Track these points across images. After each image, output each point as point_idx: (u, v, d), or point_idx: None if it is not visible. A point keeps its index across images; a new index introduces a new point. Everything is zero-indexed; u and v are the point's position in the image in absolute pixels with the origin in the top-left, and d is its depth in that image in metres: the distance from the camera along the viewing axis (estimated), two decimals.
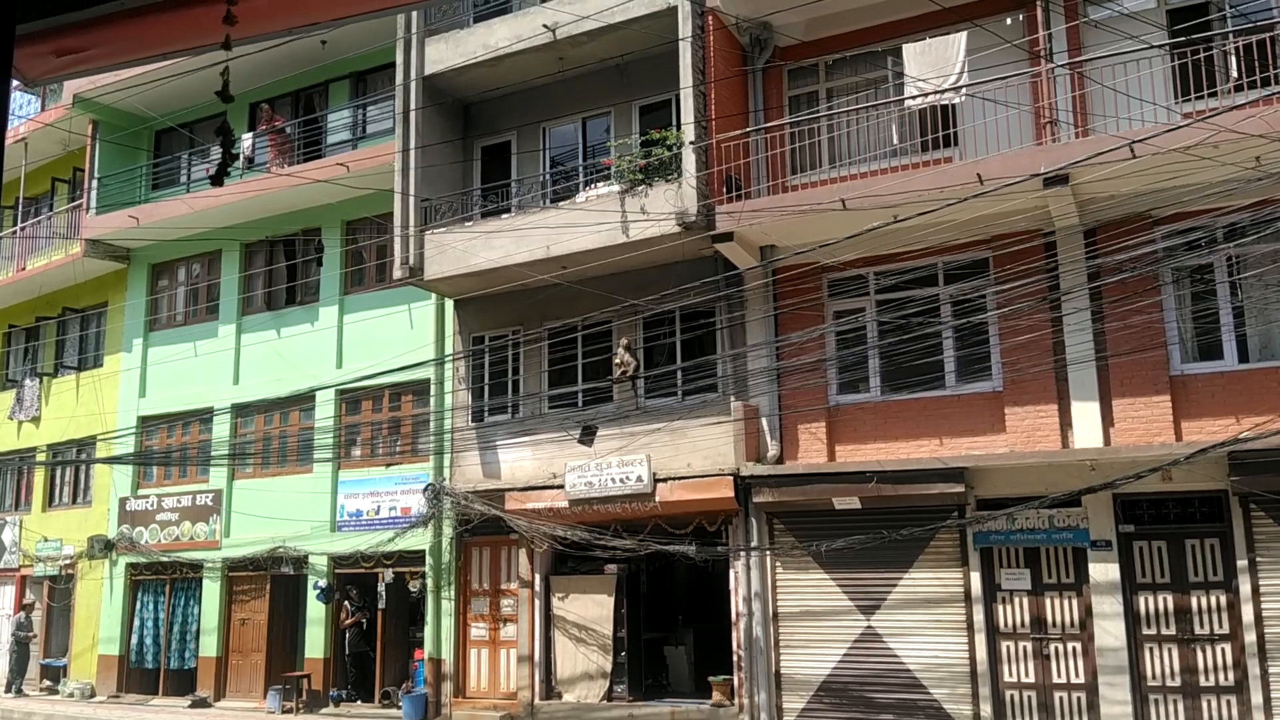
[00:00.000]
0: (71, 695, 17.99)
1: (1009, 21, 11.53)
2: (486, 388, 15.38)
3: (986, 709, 11.29)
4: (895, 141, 12.30)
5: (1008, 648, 11.38)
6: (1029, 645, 11.30)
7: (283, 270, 17.95)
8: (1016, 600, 11.44)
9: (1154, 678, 10.70)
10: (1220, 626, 10.50)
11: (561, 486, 13.78)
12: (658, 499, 13.10)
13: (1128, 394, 10.93)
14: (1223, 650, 10.47)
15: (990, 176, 10.49)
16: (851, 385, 12.61)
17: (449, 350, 15.60)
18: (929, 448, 11.92)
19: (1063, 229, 11.03)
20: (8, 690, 18.75)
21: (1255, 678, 10.24)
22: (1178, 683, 10.59)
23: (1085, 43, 11.23)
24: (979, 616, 11.50)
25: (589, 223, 12.96)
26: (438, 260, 14.43)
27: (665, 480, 13.14)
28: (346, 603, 16.19)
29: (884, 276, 11.93)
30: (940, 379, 11.92)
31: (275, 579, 16.99)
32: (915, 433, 12.05)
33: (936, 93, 11.01)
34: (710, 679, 12.98)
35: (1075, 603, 11.23)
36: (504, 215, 14.32)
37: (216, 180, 2.72)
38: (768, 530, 12.74)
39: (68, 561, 19.13)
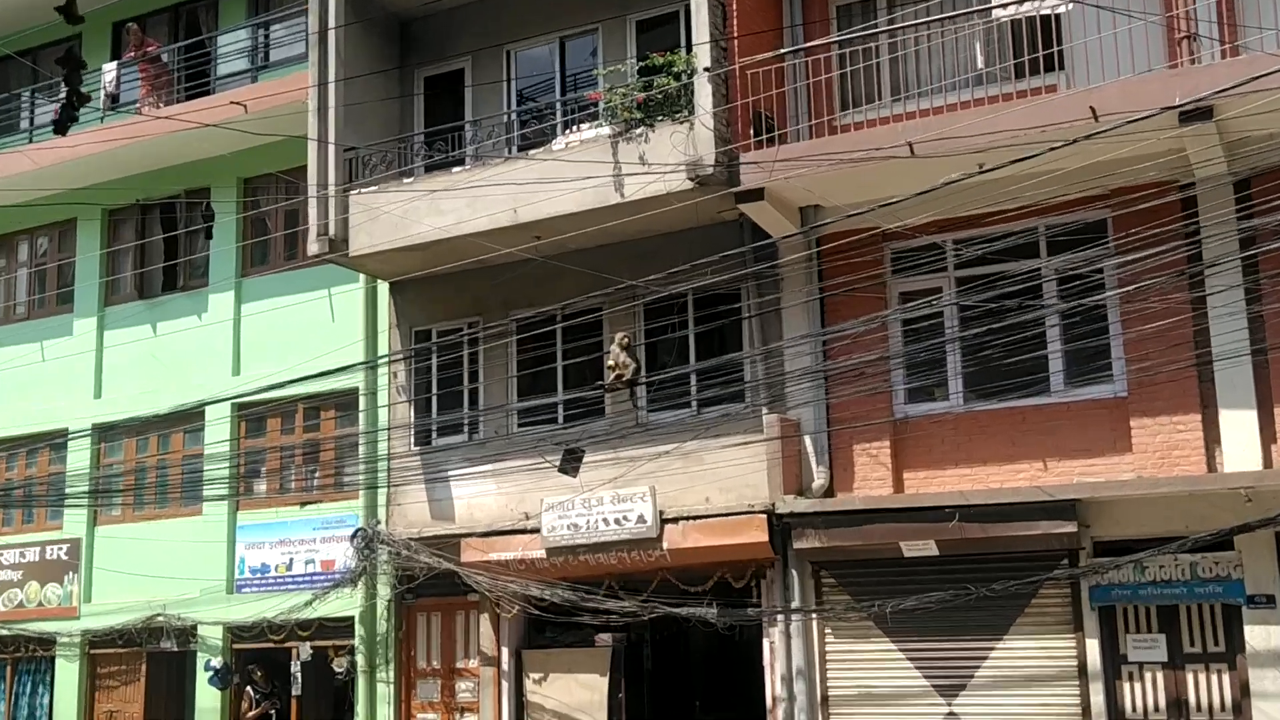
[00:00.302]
0: None
1: None
2: (435, 399, 15.25)
3: None
4: (979, 65, 12.19)
5: None
6: None
7: (159, 245, 17.76)
8: (1148, 676, 11.40)
9: None
10: None
11: (537, 530, 13.67)
12: (666, 546, 13.00)
13: None
14: None
15: (1107, 110, 10.37)
16: (925, 391, 12.50)
17: (383, 350, 15.45)
18: (1029, 474, 11.81)
19: (1205, 179, 10.93)
20: None
21: None
22: None
23: None
24: (1098, 698, 11.42)
25: (570, 177, 12.84)
26: (367, 229, 14.30)
27: (675, 520, 13.06)
28: (249, 688, 16.07)
29: (966, 246, 11.81)
30: (1044, 382, 11.81)
31: (153, 657, 16.84)
32: (1010, 454, 11.94)
33: None
34: None
35: (1226, 678, 11.17)
36: (456, 169, 14.21)
37: (60, 127, 2.51)
38: (814, 586, 12.66)
39: None
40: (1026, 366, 11.65)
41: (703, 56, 12.46)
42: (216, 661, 15.98)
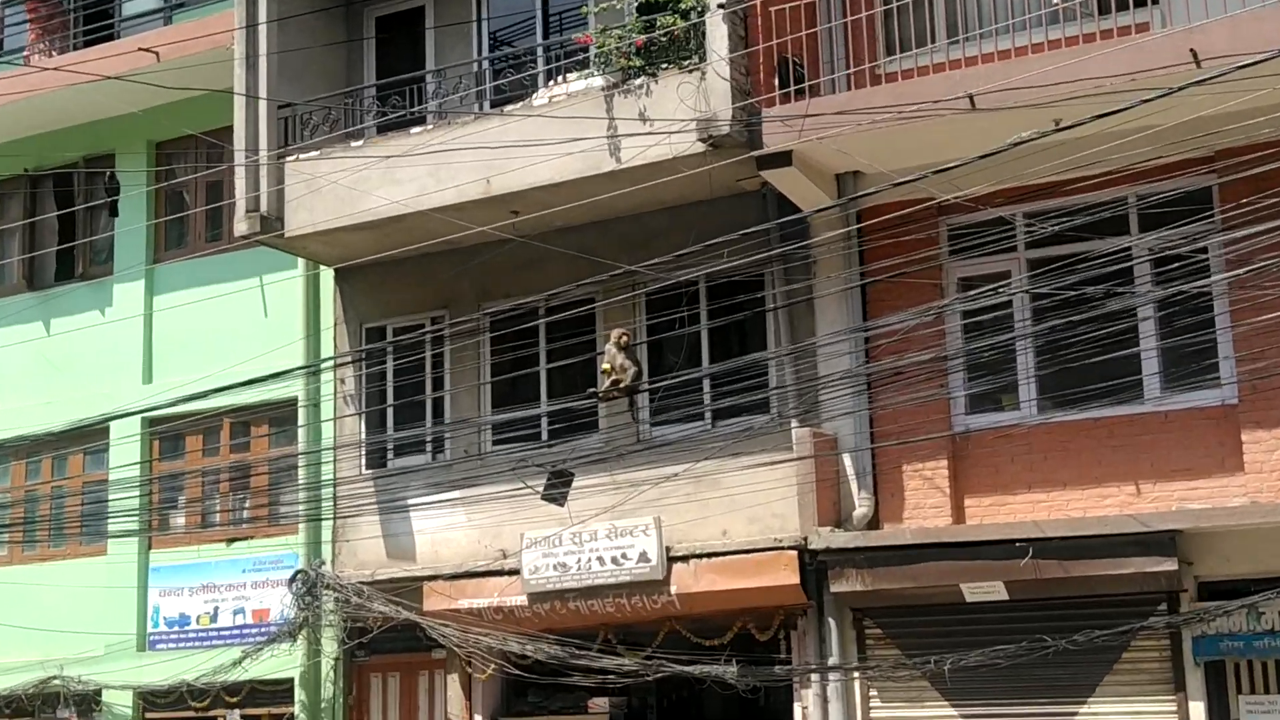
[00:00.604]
0: None
1: None
2: (390, 412, 15.26)
3: None
4: (1054, 0, 12.19)
5: None
6: None
7: (53, 224, 17.80)
8: None
9: None
10: None
11: (516, 572, 13.70)
12: (674, 589, 13.03)
13: None
14: None
15: (1212, 54, 10.39)
16: (990, 399, 12.52)
17: (328, 351, 15.48)
18: (1118, 499, 11.82)
19: None
20: None
21: None
22: None
23: None
24: None
25: (555, 140, 12.83)
26: (307, 204, 14.35)
27: (686, 559, 13.08)
28: None
29: (1040, 221, 11.82)
30: (1136, 387, 11.83)
31: None
32: (1095, 474, 11.95)
33: None
34: None
35: None
36: (415, 130, 14.24)
37: None
38: (855, 638, 12.67)
39: None
40: (1115, 368, 11.62)
41: None
42: None
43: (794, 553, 12.57)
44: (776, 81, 12.30)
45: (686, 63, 12.73)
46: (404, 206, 13.75)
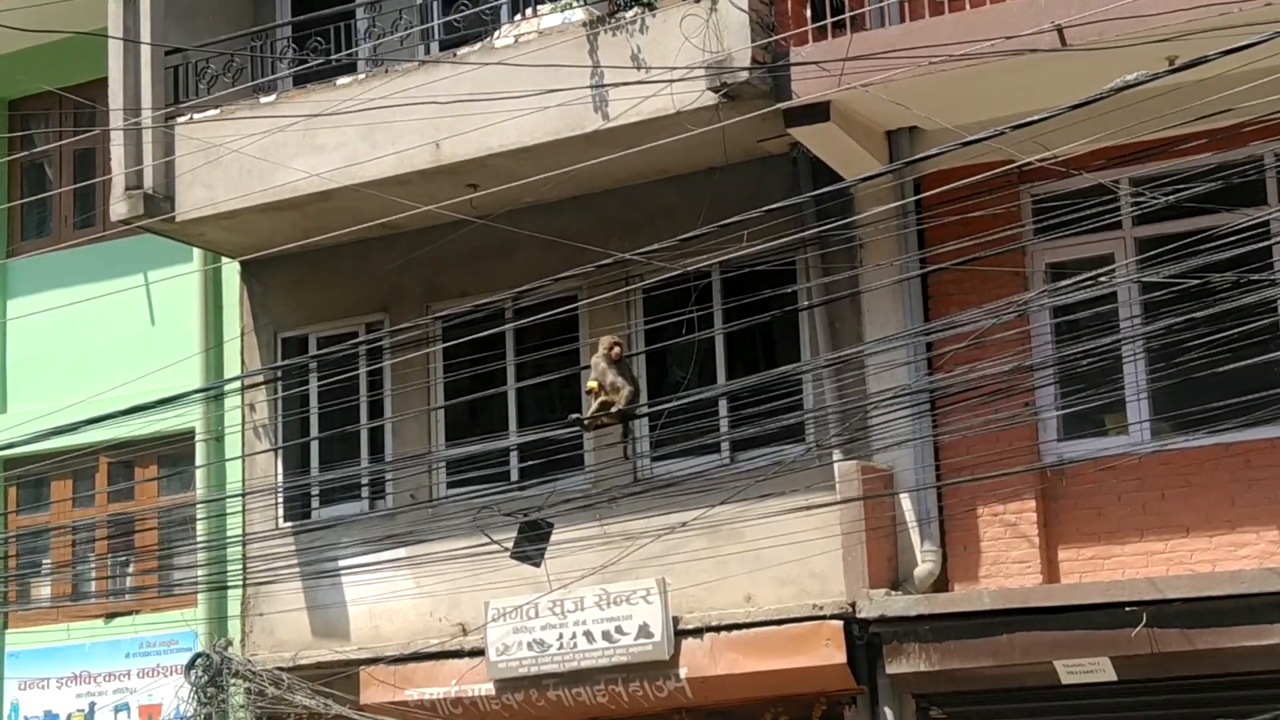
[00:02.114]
0: None
1: None
2: (316, 447, 15.25)
3: None
4: None
5: None
6: None
7: None
8: None
9: None
10: None
11: (480, 653, 13.74)
12: (685, 673, 13.07)
13: None
14: None
15: None
16: (1090, 421, 12.57)
17: (233, 369, 15.46)
18: (1258, 548, 11.89)
19: None
20: None
21: None
22: None
23: None
24: None
25: (523, 92, 12.87)
26: (205, 179, 14.40)
27: (699, 633, 13.12)
28: None
29: (1151, 189, 11.82)
30: (1278, 404, 11.76)
31: None
32: (1227, 517, 12.03)
33: None
34: None
35: None
36: (343, 80, 14.30)
37: None
38: None
39: None
40: (1250, 379, 11.59)
41: None
42: None
43: (839, 623, 12.57)
44: (809, 12, 12.33)
45: None
46: (329, 180, 13.77)
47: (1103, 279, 11.94)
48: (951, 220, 12.25)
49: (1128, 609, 11.55)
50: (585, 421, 12.84)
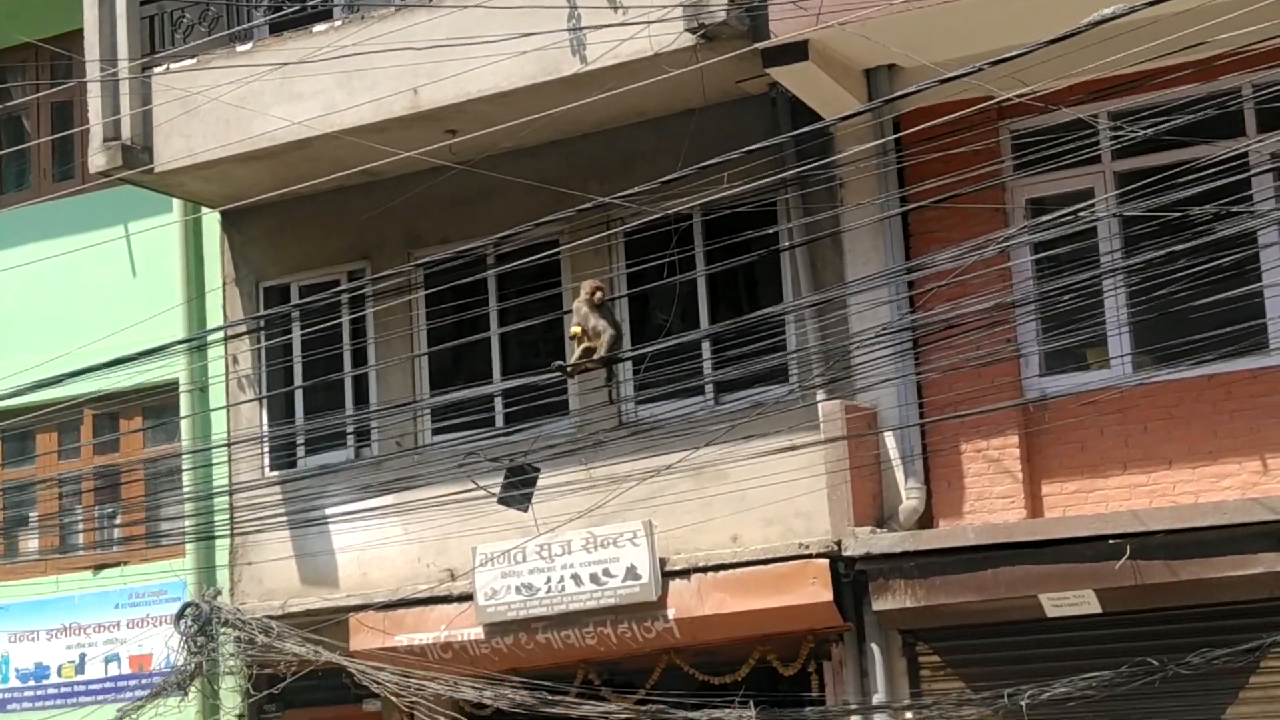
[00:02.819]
0: None
1: None
2: (300, 396, 15.26)
3: None
4: None
5: None
6: None
7: None
8: None
9: None
10: None
11: (469, 598, 13.77)
12: (672, 614, 13.11)
13: None
14: None
15: None
16: (1072, 356, 12.57)
17: (215, 319, 15.45)
18: (1240, 479, 11.88)
19: None
20: None
21: None
22: None
23: None
24: None
25: (501, 35, 12.83)
26: (183, 129, 14.36)
27: (686, 574, 13.14)
28: None
29: (1130, 123, 11.77)
30: (1260, 334, 11.84)
31: None
32: (1210, 449, 12.02)
33: None
34: None
35: None
36: (319, 26, 14.22)
37: None
38: (906, 668, 12.73)
39: None
40: (1232, 311, 11.57)
41: None
42: None
43: (824, 562, 12.59)
44: None
45: None
46: (307, 128, 13.71)
47: (1083, 214, 11.96)
48: (931, 158, 12.19)
49: (1111, 542, 11.59)
50: (569, 368, 12.84)
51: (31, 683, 16.13)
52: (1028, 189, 12.68)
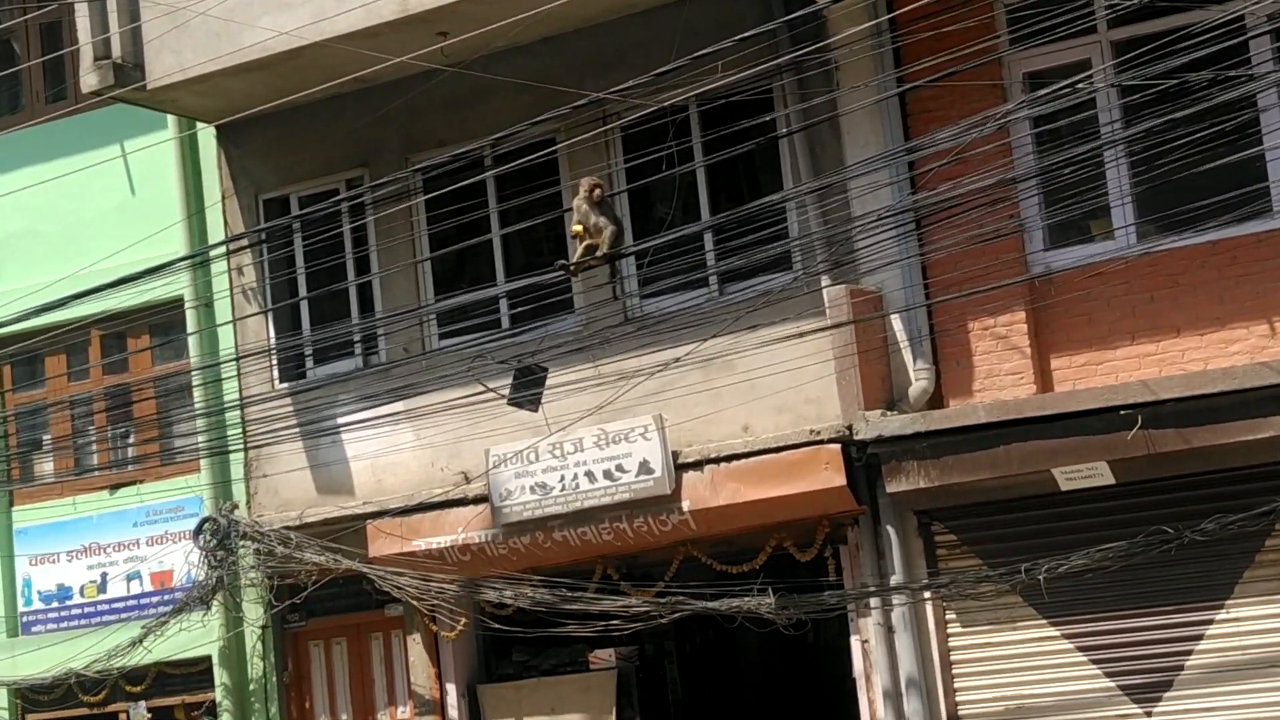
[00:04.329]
0: None
1: None
2: (306, 307, 15.28)
3: None
4: None
5: None
6: None
7: None
8: None
9: None
10: None
11: (484, 499, 13.82)
12: (687, 506, 13.15)
13: None
14: None
15: None
16: (1075, 228, 12.53)
17: (217, 233, 15.46)
18: (1249, 344, 11.88)
19: None
20: None
21: None
22: None
23: None
24: None
25: None
26: (173, 44, 14.24)
27: (699, 465, 13.19)
28: None
29: None
30: (1264, 198, 11.75)
31: None
32: (1216, 315, 12.01)
33: None
34: None
35: None
36: None
37: None
38: (923, 549, 12.80)
39: None
40: (1234, 175, 11.51)
41: None
42: None
43: (836, 447, 12.62)
44: None
45: None
46: (298, 37, 13.57)
47: (1081, 85, 11.88)
48: (926, 36, 12.17)
49: (1122, 412, 11.61)
50: (571, 266, 12.82)
51: (55, 604, 16.23)
52: (1024, 63, 12.56)
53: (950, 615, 12.73)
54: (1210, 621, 11.97)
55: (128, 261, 14.07)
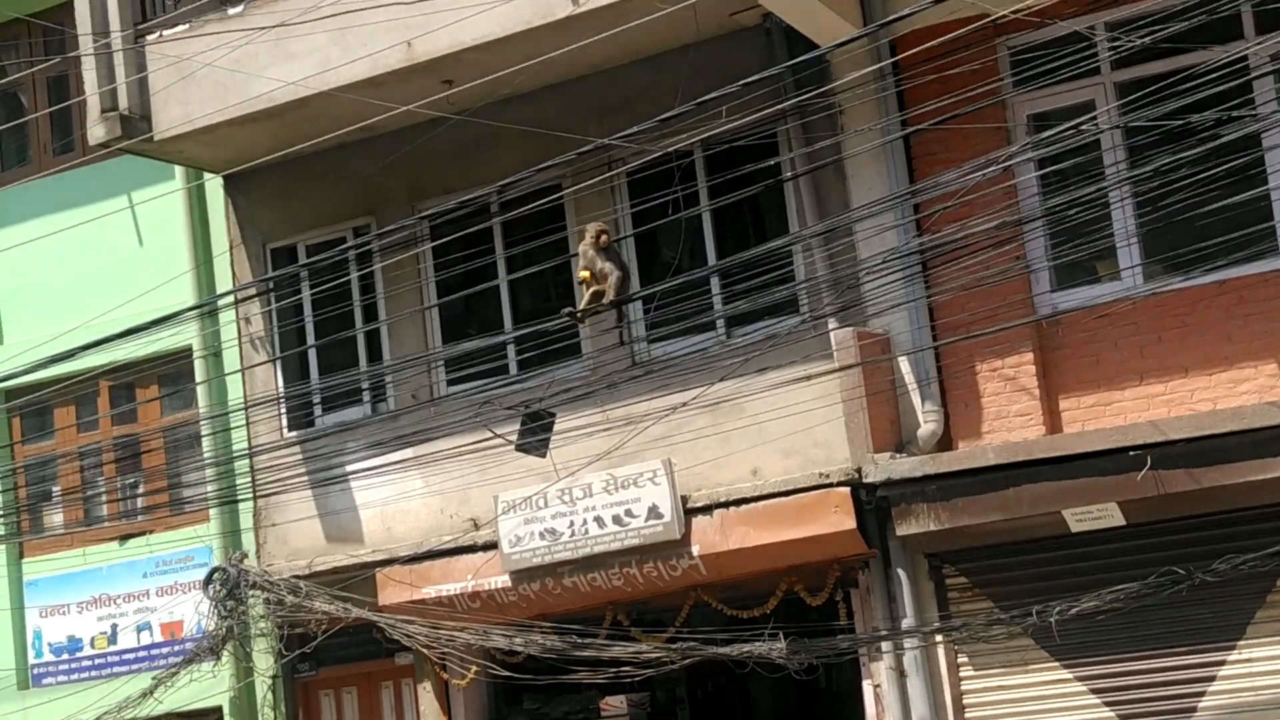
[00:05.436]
0: None
1: None
2: (314, 355, 15.27)
3: None
4: None
5: None
6: None
7: None
8: None
9: None
10: None
11: (493, 546, 13.80)
12: (696, 550, 13.14)
13: None
14: None
15: None
16: (1082, 269, 12.53)
17: (225, 283, 15.45)
18: (1257, 383, 11.87)
19: None
20: None
21: None
22: None
23: None
24: None
25: None
26: (180, 95, 14.31)
27: (708, 509, 13.18)
28: None
29: (1128, 33, 11.69)
30: (1269, 237, 11.80)
31: None
32: (1225, 354, 12.01)
33: None
34: None
35: None
36: None
37: None
38: (934, 591, 12.77)
39: None
40: (1240, 216, 11.51)
41: None
42: None
43: (846, 490, 12.61)
44: None
45: None
46: (303, 87, 13.63)
47: (1084, 127, 11.89)
48: (930, 79, 12.19)
49: (1132, 453, 11.58)
50: (578, 312, 12.80)
51: (65, 656, 16.20)
52: (1028, 105, 12.61)
53: (962, 658, 12.69)
54: (1223, 662, 11.95)
55: (136, 312, 14.04)
